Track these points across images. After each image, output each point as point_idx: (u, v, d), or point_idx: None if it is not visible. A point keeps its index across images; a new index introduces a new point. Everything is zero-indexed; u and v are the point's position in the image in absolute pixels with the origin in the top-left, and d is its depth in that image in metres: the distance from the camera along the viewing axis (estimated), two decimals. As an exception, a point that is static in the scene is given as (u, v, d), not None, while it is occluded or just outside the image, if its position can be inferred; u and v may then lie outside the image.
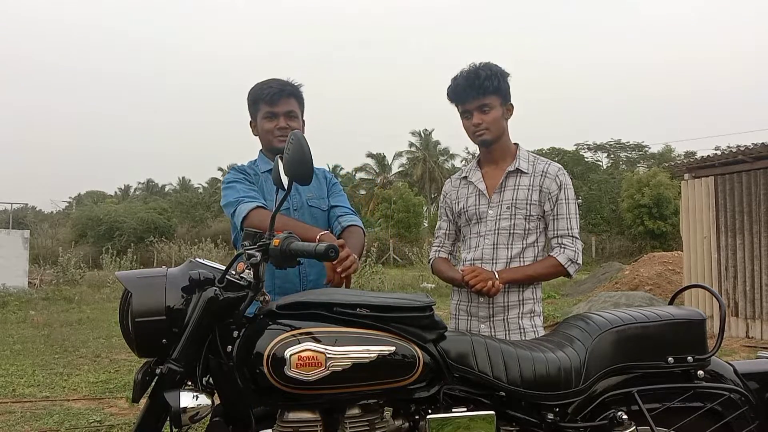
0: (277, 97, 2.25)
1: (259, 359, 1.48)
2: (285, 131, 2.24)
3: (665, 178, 23.02)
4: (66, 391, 5.05)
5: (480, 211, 2.27)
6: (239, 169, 2.32)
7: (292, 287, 2.16)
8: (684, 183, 8.82)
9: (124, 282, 1.55)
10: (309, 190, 2.31)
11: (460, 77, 2.24)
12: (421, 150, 45.34)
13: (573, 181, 2.35)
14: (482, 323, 2.21)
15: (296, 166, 1.54)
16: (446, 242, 2.44)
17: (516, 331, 2.19)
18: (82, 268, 17.18)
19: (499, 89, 2.22)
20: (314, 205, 2.31)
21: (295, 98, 2.31)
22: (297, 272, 2.20)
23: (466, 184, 2.36)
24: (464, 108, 2.26)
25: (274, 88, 2.26)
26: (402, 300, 1.64)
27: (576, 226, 2.24)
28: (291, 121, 2.27)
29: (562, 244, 2.22)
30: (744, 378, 1.85)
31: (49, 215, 44.49)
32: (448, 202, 2.41)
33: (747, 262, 7.78)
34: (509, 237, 2.21)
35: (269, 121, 2.27)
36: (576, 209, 2.26)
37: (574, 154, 35.11)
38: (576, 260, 2.21)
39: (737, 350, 6.97)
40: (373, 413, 1.57)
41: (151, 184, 55.41)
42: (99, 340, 7.72)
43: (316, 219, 2.28)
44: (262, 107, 2.28)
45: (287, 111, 2.27)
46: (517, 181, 2.25)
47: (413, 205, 30.66)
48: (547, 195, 2.22)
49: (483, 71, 2.20)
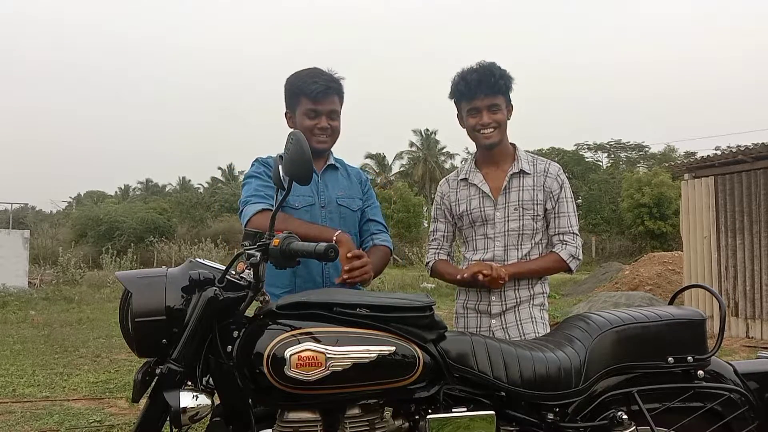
0: (323, 95, 2.13)
1: (259, 359, 1.48)
2: (325, 132, 2.16)
3: (667, 178, 23.03)
4: (66, 391, 5.04)
5: (486, 213, 2.27)
6: (262, 162, 2.21)
7: (314, 287, 2.09)
8: (684, 183, 8.83)
9: (124, 282, 1.55)
10: (339, 188, 2.25)
11: (472, 72, 2.21)
12: (422, 150, 45.36)
13: (573, 181, 2.38)
14: (493, 318, 2.23)
15: (295, 165, 1.54)
16: (444, 244, 2.43)
17: (528, 320, 2.21)
18: (82, 268, 17.18)
19: (508, 90, 2.24)
20: (344, 204, 2.22)
21: (338, 96, 2.20)
22: (320, 272, 2.14)
23: (466, 185, 2.34)
24: (472, 105, 2.23)
25: (319, 84, 2.12)
26: (402, 300, 1.64)
27: (576, 223, 2.29)
28: (333, 122, 2.18)
29: (564, 240, 2.25)
30: (744, 378, 1.85)
31: (49, 215, 44.49)
32: (447, 204, 2.39)
33: (747, 262, 7.78)
34: (519, 238, 2.24)
35: (311, 119, 2.15)
36: (574, 207, 2.32)
37: (574, 154, 35.14)
38: (577, 256, 2.26)
39: (737, 350, 6.97)
40: (373, 413, 1.57)
41: (151, 184, 55.42)
42: (99, 340, 7.71)
43: (344, 218, 2.20)
44: (303, 101, 2.15)
45: (330, 110, 2.16)
46: (521, 182, 2.26)
47: (413, 205, 30.69)
48: (550, 194, 2.26)
49: (497, 70, 2.20)
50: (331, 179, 2.26)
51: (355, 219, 2.26)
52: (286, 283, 2.11)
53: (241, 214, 2.13)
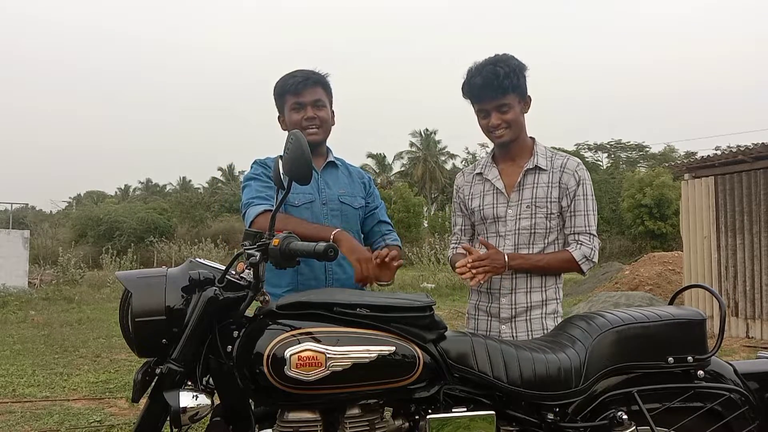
0: (302, 87, 2.17)
1: (259, 359, 1.48)
2: (313, 121, 2.18)
3: (668, 179, 23.01)
4: (66, 391, 5.05)
5: (498, 210, 2.19)
6: (260, 163, 2.24)
7: (317, 285, 2.11)
8: (684, 183, 8.83)
9: (124, 282, 1.55)
10: (340, 186, 2.26)
11: (477, 75, 2.12)
12: (422, 150, 45.37)
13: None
14: (503, 324, 2.15)
15: (295, 165, 1.54)
16: (463, 238, 2.35)
17: (539, 331, 2.11)
18: (82, 268, 17.16)
19: (518, 86, 2.12)
20: (345, 201, 2.24)
21: (322, 87, 2.23)
22: (323, 270, 2.14)
23: (481, 180, 2.27)
24: (481, 107, 2.17)
25: (298, 78, 2.18)
26: (402, 300, 1.64)
27: (594, 223, 2.16)
28: (319, 111, 2.20)
29: (579, 240, 2.14)
30: (744, 378, 1.85)
31: (49, 215, 44.47)
32: (462, 197, 2.33)
33: (747, 262, 7.78)
34: (530, 236, 2.15)
35: (297, 112, 2.19)
36: (594, 206, 2.18)
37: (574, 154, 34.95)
38: (591, 258, 2.14)
39: (737, 350, 6.97)
40: (373, 413, 1.57)
41: (151, 184, 55.37)
42: (99, 340, 7.71)
43: (346, 215, 2.22)
44: (288, 99, 2.21)
45: (314, 100, 2.19)
46: (535, 178, 2.16)
47: (413, 205, 30.64)
48: (565, 191, 2.14)
49: (501, 68, 2.08)
50: (332, 177, 2.27)
51: (357, 217, 2.26)
52: (289, 282, 2.11)
53: (244, 217, 2.14)
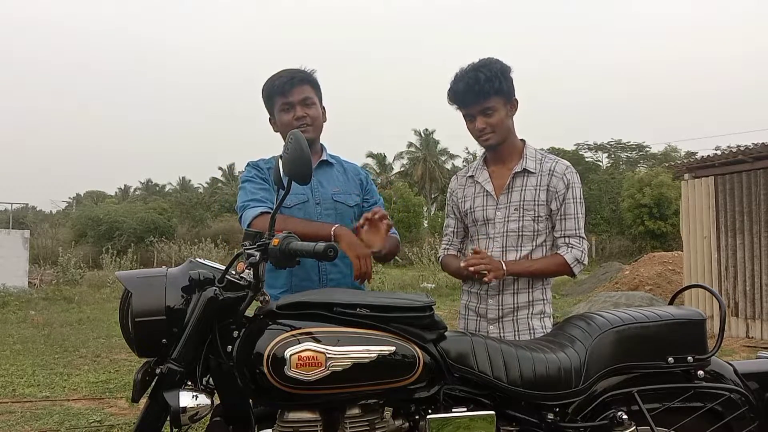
0: (289, 86, 2.16)
1: (259, 359, 1.48)
2: (304, 120, 2.17)
3: (668, 179, 23.02)
4: (66, 391, 5.05)
5: (487, 212, 2.22)
6: (253, 165, 2.23)
7: (310, 286, 2.10)
8: (684, 183, 8.83)
9: (124, 282, 1.55)
10: (334, 184, 2.25)
11: (459, 80, 2.14)
12: (422, 150, 45.36)
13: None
14: (491, 324, 2.17)
15: (295, 165, 1.54)
16: (455, 240, 2.39)
17: (525, 331, 2.14)
18: (82, 268, 17.15)
19: (501, 89, 2.12)
20: (340, 200, 2.23)
21: (310, 84, 2.21)
22: (317, 270, 2.14)
23: (472, 183, 2.31)
24: (466, 112, 2.19)
25: (284, 78, 2.17)
26: (402, 300, 1.64)
27: (583, 225, 2.20)
28: (308, 109, 2.18)
29: (570, 243, 2.17)
30: (744, 378, 1.85)
31: (49, 215, 44.50)
32: (455, 200, 2.37)
33: (747, 262, 7.78)
34: (518, 239, 2.17)
35: (286, 112, 2.18)
36: (583, 209, 2.21)
37: (574, 154, 35.15)
38: (582, 260, 2.17)
39: (737, 350, 6.97)
40: (373, 413, 1.57)
41: (151, 184, 55.37)
42: (99, 340, 7.71)
43: (341, 214, 2.21)
44: (277, 100, 2.19)
45: (302, 98, 2.17)
46: (524, 181, 2.19)
47: (413, 205, 30.66)
48: (554, 194, 2.17)
49: (482, 73, 2.09)
50: (326, 175, 2.27)
51: (353, 215, 2.25)
52: (283, 283, 2.11)
53: (240, 219, 2.14)
